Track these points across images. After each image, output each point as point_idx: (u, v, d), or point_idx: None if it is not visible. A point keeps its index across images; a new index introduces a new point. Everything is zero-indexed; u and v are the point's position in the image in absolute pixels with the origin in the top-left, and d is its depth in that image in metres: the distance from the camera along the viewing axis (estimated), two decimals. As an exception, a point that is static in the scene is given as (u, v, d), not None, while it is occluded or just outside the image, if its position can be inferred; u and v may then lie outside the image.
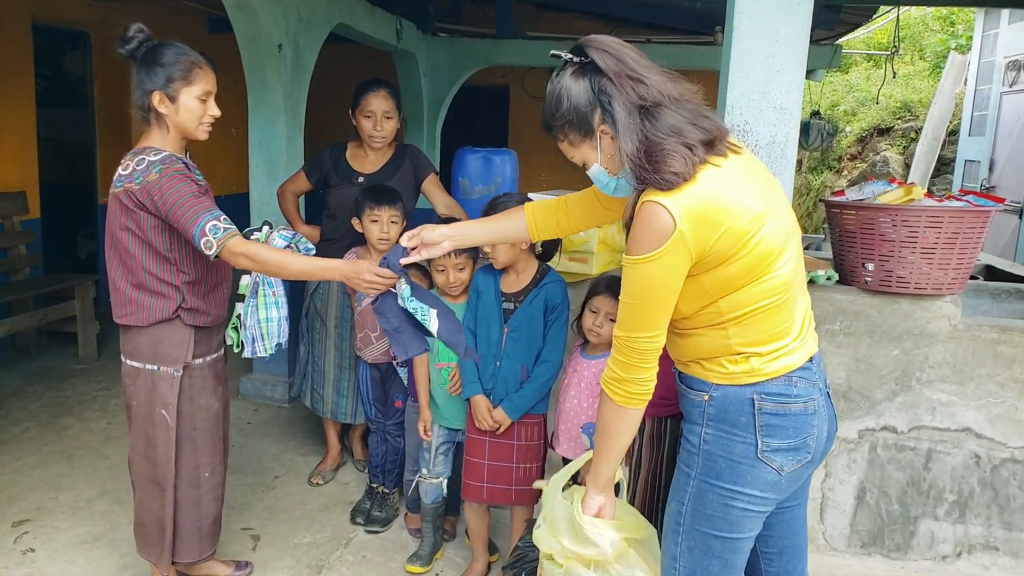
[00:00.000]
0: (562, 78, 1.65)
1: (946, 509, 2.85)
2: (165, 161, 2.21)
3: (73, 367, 5.03)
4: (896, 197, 2.67)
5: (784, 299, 1.63)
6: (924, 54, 13.15)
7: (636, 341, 1.62)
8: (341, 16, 5.03)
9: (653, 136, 1.56)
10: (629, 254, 1.58)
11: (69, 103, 6.50)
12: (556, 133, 1.71)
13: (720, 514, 1.68)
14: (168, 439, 2.37)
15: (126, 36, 2.26)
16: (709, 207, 1.53)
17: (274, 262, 2.24)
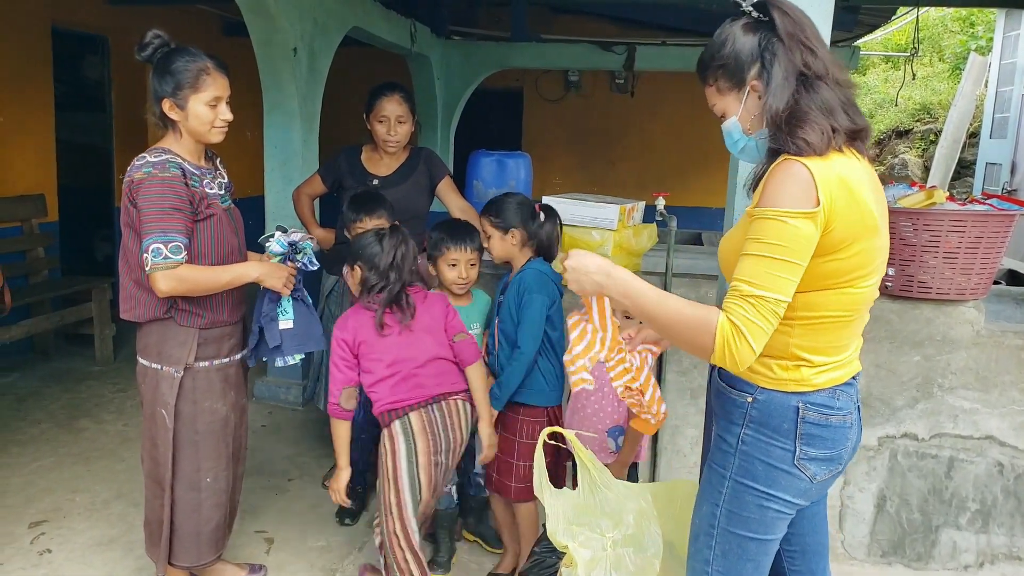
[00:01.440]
0: (734, 26, 1.65)
1: (968, 518, 2.81)
2: (158, 165, 2.22)
3: (90, 369, 5.07)
4: (917, 201, 2.63)
5: (854, 317, 1.64)
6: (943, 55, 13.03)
7: (780, 304, 1.49)
8: (356, 20, 5.05)
9: (804, 104, 1.55)
10: (772, 206, 1.50)
11: (87, 107, 6.56)
12: (708, 76, 1.69)
13: (756, 516, 1.67)
14: (166, 439, 2.38)
15: (143, 42, 2.28)
16: (844, 188, 1.52)
17: (203, 278, 2.27)
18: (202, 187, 2.31)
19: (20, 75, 5.13)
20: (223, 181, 2.46)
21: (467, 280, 2.68)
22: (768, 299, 1.48)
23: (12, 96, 5.08)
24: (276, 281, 2.41)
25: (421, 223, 3.39)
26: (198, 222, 2.30)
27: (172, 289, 2.21)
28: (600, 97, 8.94)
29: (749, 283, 1.50)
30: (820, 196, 1.49)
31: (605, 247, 2.90)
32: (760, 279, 1.49)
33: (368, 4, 5.25)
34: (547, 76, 8.88)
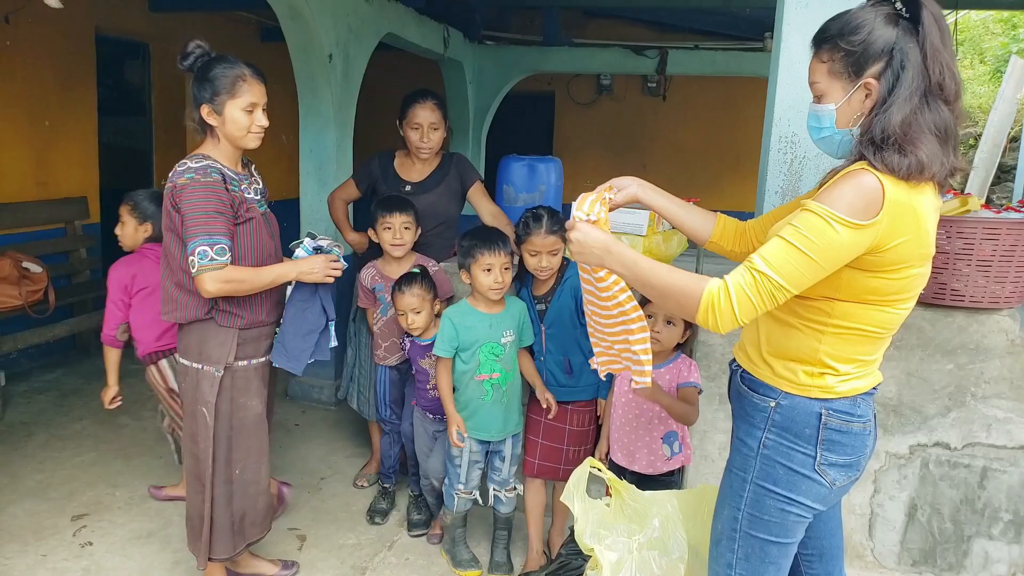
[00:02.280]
0: (876, 12, 1.53)
1: (1001, 528, 2.77)
2: (200, 171, 2.28)
3: (129, 367, 5.14)
4: (951, 208, 2.60)
5: (887, 335, 1.65)
6: (984, 58, 12.77)
7: (782, 290, 1.50)
8: (390, 26, 5.12)
9: (924, 123, 1.49)
10: (830, 206, 1.47)
11: (128, 111, 6.72)
12: (825, 51, 1.58)
13: (777, 519, 1.69)
14: (207, 436, 2.45)
15: (184, 51, 2.36)
16: (910, 213, 1.50)
17: (248, 278, 2.35)
18: (240, 192, 2.38)
19: (65, 81, 5.29)
20: (258, 187, 2.52)
21: (503, 285, 2.68)
22: (772, 280, 1.49)
23: (58, 101, 5.23)
24: (316, 275, 2.48)
25: (452, 228, 3.44)
26: (238, 225, 2.36)
27: (219, 290, 2.28)
28: (632, 101, 8.92)
29: (764, 260, 1.50)
30: (882, 213, 1.46)
31: (635, 251, 2.92)
32: (776, 260, 1.49)
33: (402, 10, 5.32)
34: (579, 80, 8.88)
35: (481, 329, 2.70)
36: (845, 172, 1.53)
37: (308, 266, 2.47)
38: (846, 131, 1.60)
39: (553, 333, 2.76)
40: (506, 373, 2.73)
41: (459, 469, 2.83)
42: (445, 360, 2.76)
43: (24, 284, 4.40)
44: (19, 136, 4.99)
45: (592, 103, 9.04)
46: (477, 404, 2.75)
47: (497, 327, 2.71)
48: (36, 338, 4.55)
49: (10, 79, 4.88)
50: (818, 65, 1.61)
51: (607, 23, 8.21)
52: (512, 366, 2.75)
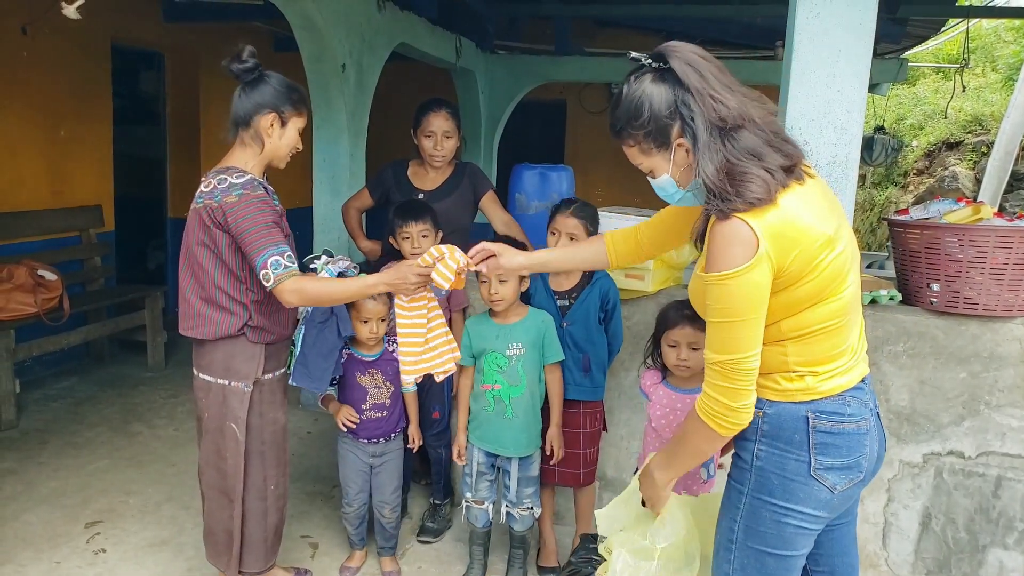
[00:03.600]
0: (641, 83, 1.59)
1: (1016, 538, 2.75)
2: (247, 185, 2.27)
3: (142, 375, 5.24)
4: (964, 216, 2.60)
5: (843, 322, 1.63)
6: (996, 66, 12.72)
7: (742, 362, 1.55)
8: (403, 36, 5.16)
9: (733, 159, 1.52)
10: (716, 271, 1.53)
11: (143, 120, 6.80)
12: (626, 139, 1.64)
13: (773, 531, 1.67)
14: (237, 452, 2.43)
15: (241, 56, 2.32)
16: (787, 227, 1.52)
17: (325, 293, 2.33)
18: (280, 205, 2.40)
19: (81, 91, 5.35)
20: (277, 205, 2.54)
21: (499, 297, 2.62)
22: (728, 361, 1.56)
23: (73, 111, 5.30)
24: (408, 286, 2.28)
25: (465, 237, 3.46)
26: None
27: (300, 301, 2.27)
28: (643, 109, 8.93)
29: (710, 350, 1.60)
30: (760, 245, 1.49)
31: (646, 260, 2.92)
32: (720, 345, 1.57)
33: (415, 20, 5.36)
34: (590, 89, 8.91)
35: (488, 338, 2.70)
36: (712, 228, 1.57)
37: (398, 278, 2.28)
38: (691, 186, 1.65)
39: (574, 331, 2.77)
40: (509, 387, 2.67)
41: (468, 479, 2.83)
42: (465, 368, 2.77)
43: (39, 292, 4.44)
44: (35, 145, 5.05)
45: (604, 111, 9.05)
46: (482, 415, 2.74)
47: (504, 338, 2.68)
48: (51, 346, 4.59)
49: (26, 89, 4.94)
50: (630, 151, 1.67)
51: (618, 32, 8.24)
52: (520, 381, 2.67)
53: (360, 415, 2.79)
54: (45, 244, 5.08)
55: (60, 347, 4.70)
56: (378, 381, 2.80)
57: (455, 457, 2.82)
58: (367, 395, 2.80)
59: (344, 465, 2.89)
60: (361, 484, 2.88)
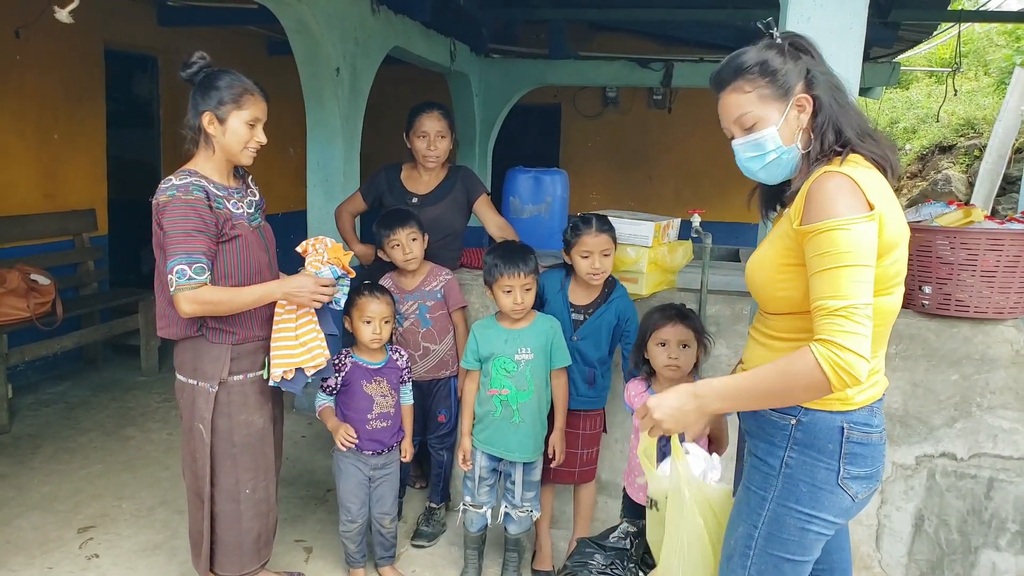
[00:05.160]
0: (766, 49, 1.68)
1: (1008, 539, 2.76)
2: (182, 188, 2.27)
3: (136, 379, 5.22)
4: (955, 219, 2.61)
5: (885, 328, 1.66)
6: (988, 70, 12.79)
7: (869, 307, 1.48)
8: (397, 39, 5.16)
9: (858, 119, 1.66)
10: (828, 218, 1.51)
11: (137, 124, 6.78)
12: (745, 83, 1.66)
13: (796, 538, 1.67)
14: (204, 453, 2.43)
15: (188, 62, 2.37)
16: (884, 194, 1.59)
17: (226, 299, 2.30)
18: (227, 208, 2.36)
19: (74, 94, 5.34)
20: (254, 199, 2.51)
21: (523, 306, 2.65)
22: (857, 306, 1.48)
23: (66, 114, 5.29)
24: (303, 298, 2.37)
25: (458, 240, 3.46)
26: (223, 243, 2.35)
27: (194, 311, 2.26)
28: (638, 113, 8.96)
29: (832, 297, 1.49)
30: (870, 200, 1.52)
31: (640, 263, 2.93)
32: (841, 290, 1.49)
33: (409, 24, 5.36)
34: (585, 92, 8.93)
35: (497, 343, 2.70)
36: (812, 182, 1.58)
37: (295, 286, 2.36)
38: (793, 146, 1.67)
39: (584, 346, 2.77)
40: (517, 392, 2.68)
41: (469, 483, 2.83)
42: (470, 373, 2.77)
43: (32, 296, 4.43)
44: (28, 149, 5.04)
45: (598, 115, 9.08)
46: (488, 419, 2.74)
47: (512, 342, 2.69)
48: (43, 350, 4.58)
49: (20, 92, 4.94)
50: (742, 97, 1.67)
51: (613, 36, 8.26)
52: (528, 386, 2.68)
53: (366, 425, 2.74)
54: (38, 248, 5.07)
55: (53, 351, 4.69)
56: (384, 389, 2.77)
57: (460, 462, 2.81)
58: (373, 404, 2.75)
59: (345, 480, 2.80)
60: (363, 499, 2.81)
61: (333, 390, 2.76)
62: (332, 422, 2.75)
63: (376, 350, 2.77)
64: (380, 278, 3.14)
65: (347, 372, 2.74)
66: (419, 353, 3.09)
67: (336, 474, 2.83)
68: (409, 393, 2.89)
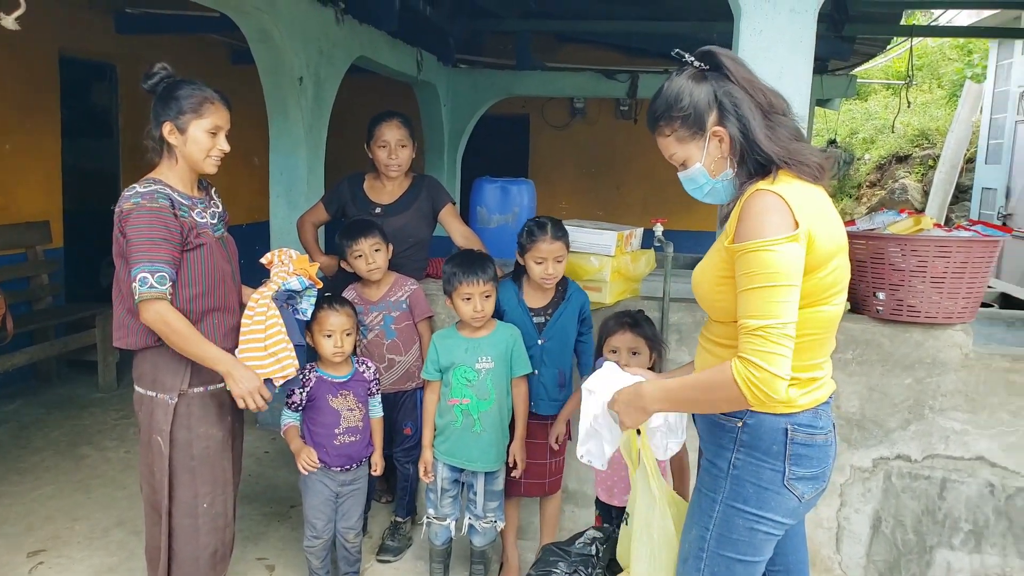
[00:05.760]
0: (681, 78, 1.71)
1: (962, 539, 2.82)
2: (146, 196, 2.25)
3: (92, 396, 5.10)
4: (906, 227, 2.68)
5: (827, 336, 1.70)
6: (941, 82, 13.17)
7: (787, 326, 1.53)
8: (362, 49, 5.15)
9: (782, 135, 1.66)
10: (755, 238, 1.55)
11: (95, 133, 6.66)
12: (664, 127, 1.73)
13: (746, 539, 1.70)
14: (162, 466, 2.38)
15: (149, 71, 2.35)
16: (814, 208, 1.60)
17: (182, 334, 2.25)
18: (191, 216, 2.33)
19: (26, 102, 5.22)
20: (216, 211, 2.48)
21: (483, 313, 2.65)
22: (774, 326, 1.53)
23: (18, 123, 5.16)
24: (240, 388, 2.31)
25: (424, 250, 3.45)
26: (188, 251, 2.32)
27: (152, 323, 2.23)
28: (605, 124, 9.05)
29: (752, 316, 1.55)
30: (797, 219, 1.56)
31: (603, 272, 2.95)
32: (762, 310, 1.54)
33: (374, 33, 5.36)
34: (553, 103, 8.99)
35: (457, 352, 2.69)
36: (743, 201, 1.63)
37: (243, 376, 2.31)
38: (721, 177, 1.73)
39: (551, 347, 2.77)
40: (478, 401, 2.68)
41: (432, 495, 2.81)
42: (431, 383, 2.76)
43: (-19, 311, 4.31)
44: (-20, 160, 4.91)
45: (566, 126, 9.15)
46: (449, 429, 2.73)
47: (473, 351, 2.68)
48: (-6, 367, 4.44)
49: (-30, 102, 4.82)
50: (666, 142, 1.75)
51: (580, 48, 8.34)
52: (489, 395, 2.68)
53: (334, 440, 2.70)
54: (-12, 261, 4.94)
55: (4, 369, 4.54)
56: (351, 403, 2.73)
57: (421, 474, 2.79)
58: (340, 418, 2.71)
59: (311, 496, 2.75)
60: (330, 515, 2.77)
61: (298, 406, 2.72)
62: (296, 443, 2.71)
63: (340, 363, 2.74)
64: (344, 289, 3.11)
65: (312, 387, 2.70)
66: (384, 365, 3.06)
67: (303, 490, 2.79)
68: (378, 406, 2.86)
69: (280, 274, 2.47)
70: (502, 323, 2.76)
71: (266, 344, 2.41)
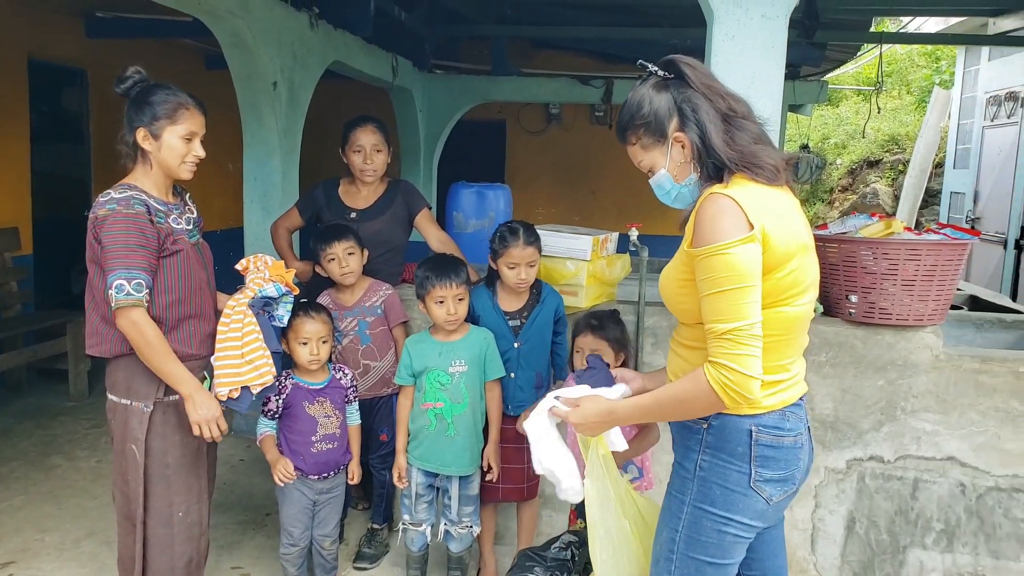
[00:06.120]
0: (644, 87, 1.76)
1: (934, 538, 2.86)
2: (122, 202, 2.22)
3: (63, 405, 5.02)
4: (877, 231, 2.72)
5: (792, 337, 1.71)
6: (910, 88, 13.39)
7: (754, 327, 1.56)
8: (336, 54, 5.13)
9: (743, 142, 1.67)
10: (710, 243, 1.58)
11: (65, 138, 6.57)
12: (629, 136, 1.78)
13: (714, 540, 1.71)
14: (137, 475, 2.35)
15: (122, 75, 2.32)
16: (768, 209, 1.62)
17: (154, 347, 2.22)
18: (168, 223, 2.31)
19: (-4, 108, 5.14)
20: (191, 216, 2.46)
21: (456, 316, 2.65)
22: (741, 327, 1.56)
23: (-13, 129, 5.09)
24: (198, 415, 2.29)
25: (399, 255, 3.44)
26: (164, 258, 2.29)
27: (126, 331, 2.21)
28: (581, 129, 9.09)
29: (718, 320, 1.58)
30: (751, 220, 1.58)
31: (579, 277, 2.96)
32: (725, 313, 1.57)
33: (349, 39, 5.34)
34: (529, 109, 9.02)
35: (431, 356, 2.69)
36: (698, 206, 1.65)
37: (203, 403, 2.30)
38: (686, 182, 1.77)
39: (527, 350, 2.78)
40: (452, 404, 2.67)
41: (407, 501, 2.80)
42: (405, 389, 2.75)
43: (-49, 319, 4.23)
44: (-53, 166, 4.83)
45: (542, 131, 9.18)
46: (423, 434, 2.71)
47: (447, 355, 2.68)
48: (-38, 376, 4.36)
49: (-63, 107, 4.73)
50: (632, 149, 1.81)
51: (555, 54, 8.38)
52: (462, 399, 2.67)
53: (311, 448, 2.67)
54: (-44, 269, 4.85)
55: (-28, 377, 4.48)
56: (328, 410, 2.71)
57: (395, 480, 2.78)
58: (317, 426, 2.68)
59: (288, 505, 2.72)
60: (307, 523, 2.74)
61: (275, 414, 2.69)
62: (272, 454, 2.69)
63: (317, 370, 2.72)
64: (319, 295, 3.09)
65: (288, 394, 2.68)
66: (359, 371, 3.04)
67: (279, 498, 2.76)
68: (356, 413, 2.84)
69: (256, 280, 2.45)
70: (475, 327, 2.76)
71: (243, 352, 2.39)
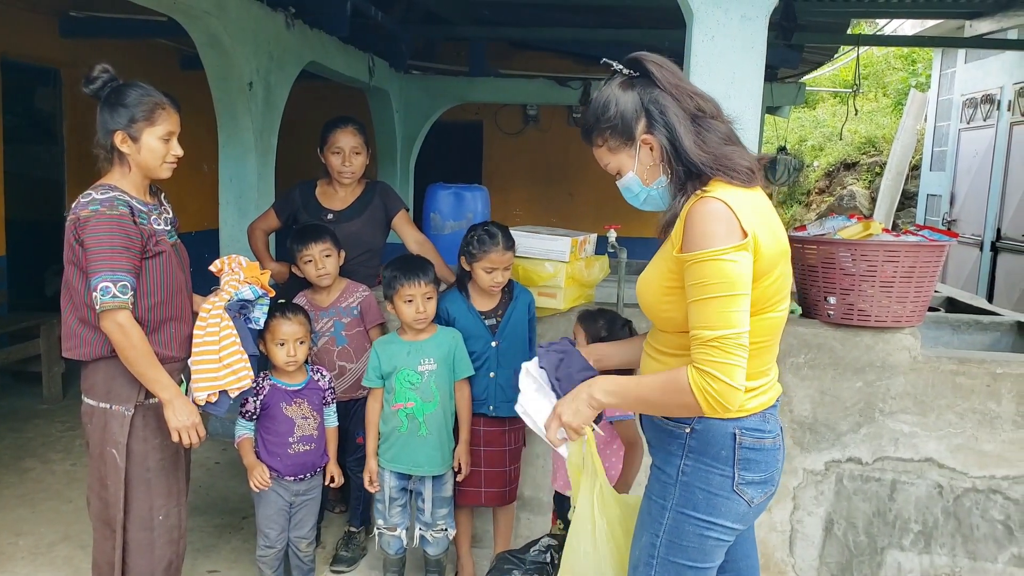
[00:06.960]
0: (610, 87, 1.70)
1: (912, 539, 2.88)
2: (106, 203, 2.19)
3: (37, 407, 4.94)
4: (855, 232, 2.73)
5: (773, 341, 1.70)
6: (887, 91, 13.54)
7: (741, 336, 1.54)
8: (313, 55, 5.09)
9: (713, 143, 1.63)
10: (703, 248, 1.54)
11: (38, 139, 6.47)
12: (596, 138, 1.73)
13: (696, 545, 1.70)
14: (117, 479, 2.32)
15: (90, 76, 2.28)
16: (758, 216, 1.60)
17: (137, 350, 2.20)
18: (150, 224, 2.29)
19: (-33, 108, 5.05)
20: (168, 216, 2.43)
21: (425, 315, 2.65)
22: (729, 336, 1.53)
23: (-41, 129, 4.99)
24: (177, 421, 2.28)
25: (376, 257, 3.41)
26: (147, 259, 2.27)
27: (112, 333, 2.17)
28: (558, 131, 9.10)
29: (706, 327, 1.55)
30: (744, 226, 1.55)
31: (557, 278, 2.95)
32: (714, 320, 1.54)
33: (325, 39, 5.30)
34: (506, 110, 9.01)
35: (399, 356, 2.67)
36: (688, 210, 1.61)
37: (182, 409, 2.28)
38: (655, 185, 1.73)
39: (505, 348, 2.77)
40: (423, 403, 2.66)
41: (380, 505, 2.77)
42: (374, 391, 2.72)
43: (-81, 322, 4.14)
44: (-85, 166, 4.73)
45: (519, 133, 9.17)
46: (395, 435, 2.69)
47: (415, 354, 2.66)
48: (-68, 379, 4.28)
49: (-94, 106, 4.64)
50: (598, 152, 1.77)
51: (533, 55, 8.37)
52: (433, 397, 2.66)
53: (288, 449, 2.66)
54: (-74, 271, 4.76)
55: (-57, 381, 4.39)
56: (305, 411, 2.70)
57: (366, 484, 2.75)
58: (294, 427, 2.67)
59: (264, 507, 2.70)
60: (283, 524, 2.73)
61: (252, 415, 2.67)
62: (249, 458, 2.66)
63: (294, 371, 2.70)
64: (295, 296, 3.06)
65: (266, 395, 2.66)
66: (335, 372, 3.01)
67: (256, 499, 2.73)
68: (334, 415, 2.82)
69: (231, 282, 2.42)
70: (443, 327, 2.76)
71: (220, 356, 2.37)
